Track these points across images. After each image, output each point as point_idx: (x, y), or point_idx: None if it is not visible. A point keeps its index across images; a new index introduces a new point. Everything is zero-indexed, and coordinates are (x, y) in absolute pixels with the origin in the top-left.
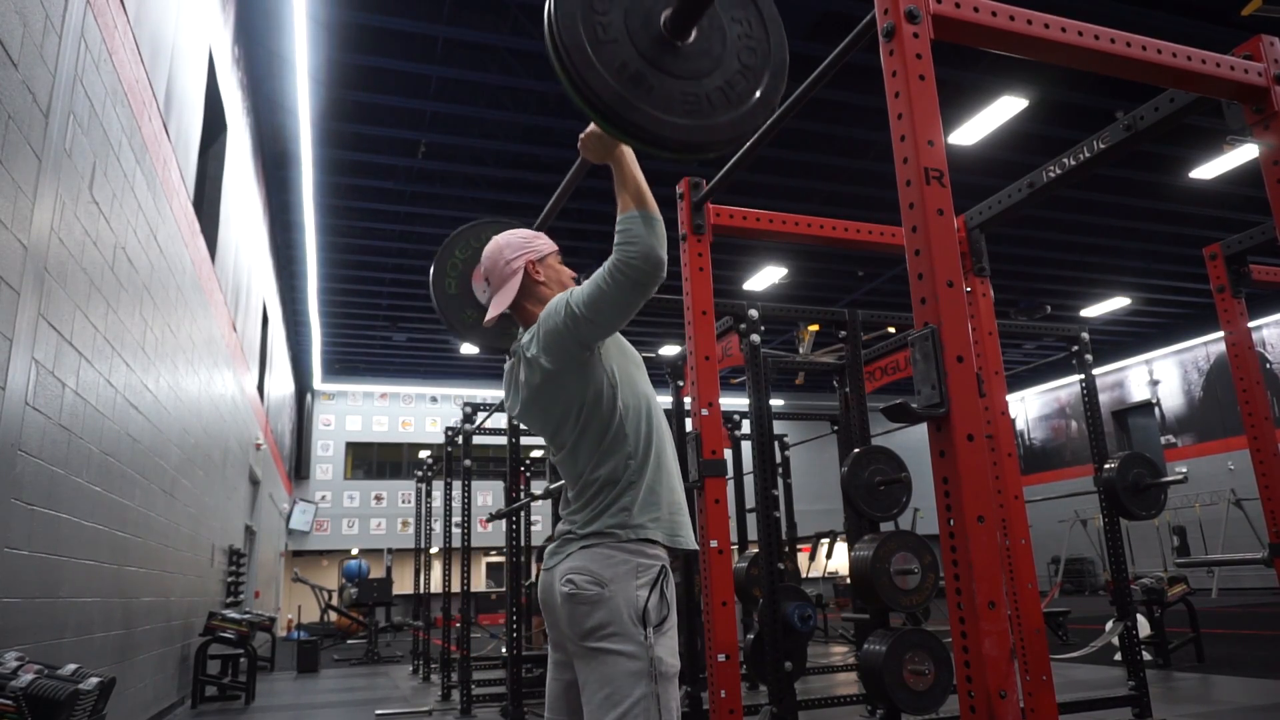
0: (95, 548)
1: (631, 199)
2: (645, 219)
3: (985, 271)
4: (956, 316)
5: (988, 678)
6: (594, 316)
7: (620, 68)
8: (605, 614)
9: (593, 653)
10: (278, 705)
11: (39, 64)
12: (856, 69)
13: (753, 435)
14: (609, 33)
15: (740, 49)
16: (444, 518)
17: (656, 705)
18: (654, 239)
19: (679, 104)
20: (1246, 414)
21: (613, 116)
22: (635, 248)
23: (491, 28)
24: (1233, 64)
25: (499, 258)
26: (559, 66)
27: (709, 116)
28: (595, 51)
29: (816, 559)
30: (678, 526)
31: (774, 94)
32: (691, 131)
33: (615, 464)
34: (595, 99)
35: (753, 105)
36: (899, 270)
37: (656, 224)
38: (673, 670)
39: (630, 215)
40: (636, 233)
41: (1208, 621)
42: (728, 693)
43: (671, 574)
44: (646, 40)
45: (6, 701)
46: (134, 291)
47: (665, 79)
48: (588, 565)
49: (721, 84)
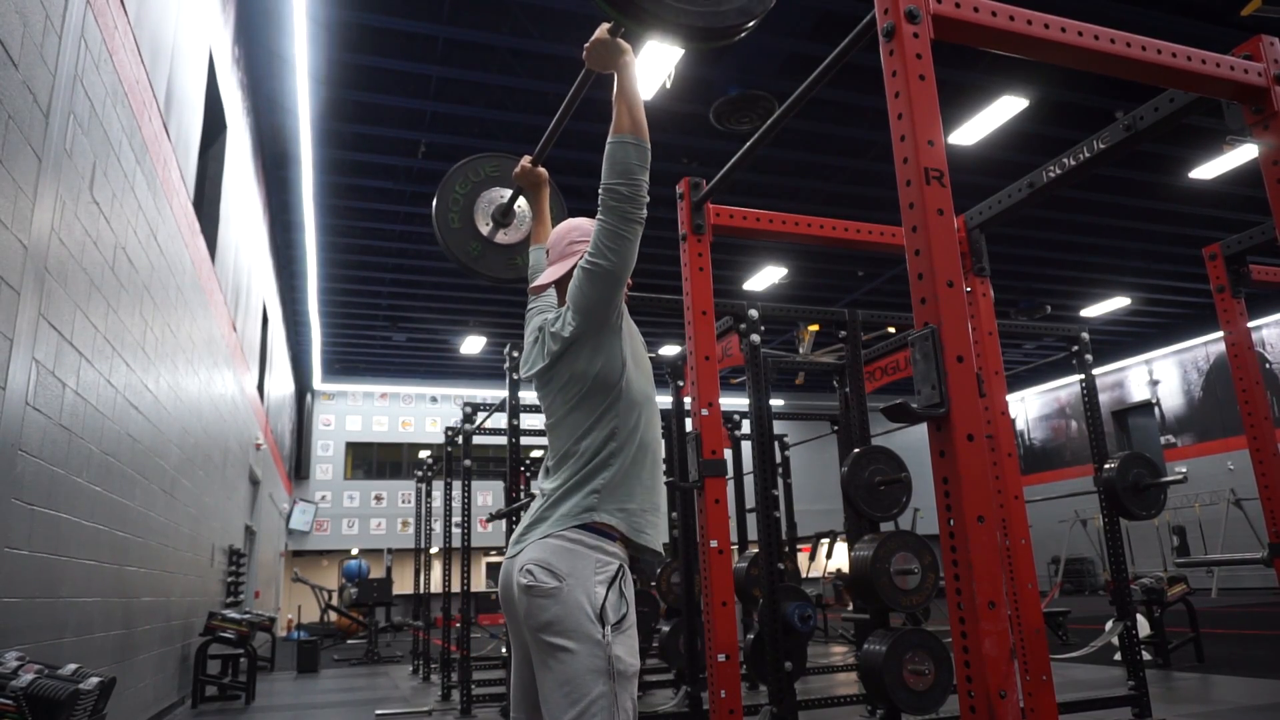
0: (95, 548)
1: (626, 115)
2: (634, 144)
3: (985, 271)
4: (956, 316)
5: (988, 678)
6: (600, 259)
7: None
8: (562, 608)
9: (550, 648)
10: (278, 705)
11: (39, 64)
12: (856, 69)
13: (753, 435)
14: None
15: None
16: (444, 518)
17: (615, 704)
18: (636, 160)
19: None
20: (1246, 414)
21: (625, 6)
22: (617, 169)
23: (491, 28)
24: (1233, 64)
25: (566, 235)
26: None
27: (718, 3)
28: None
29: (816, 559)
30: (645, 524)
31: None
32: (704, 18)
33: (597, 438)
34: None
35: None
36: (899, 270)
37: (642, 148)
38: (631, 670)
39: (619, 139)
40: (619, 156)
41: (1207, 621)
42: (728, 693)
43: (629, 573)
44: None
45: (7, 701)
46: (134, 291)
47: None
48: (546, 558)
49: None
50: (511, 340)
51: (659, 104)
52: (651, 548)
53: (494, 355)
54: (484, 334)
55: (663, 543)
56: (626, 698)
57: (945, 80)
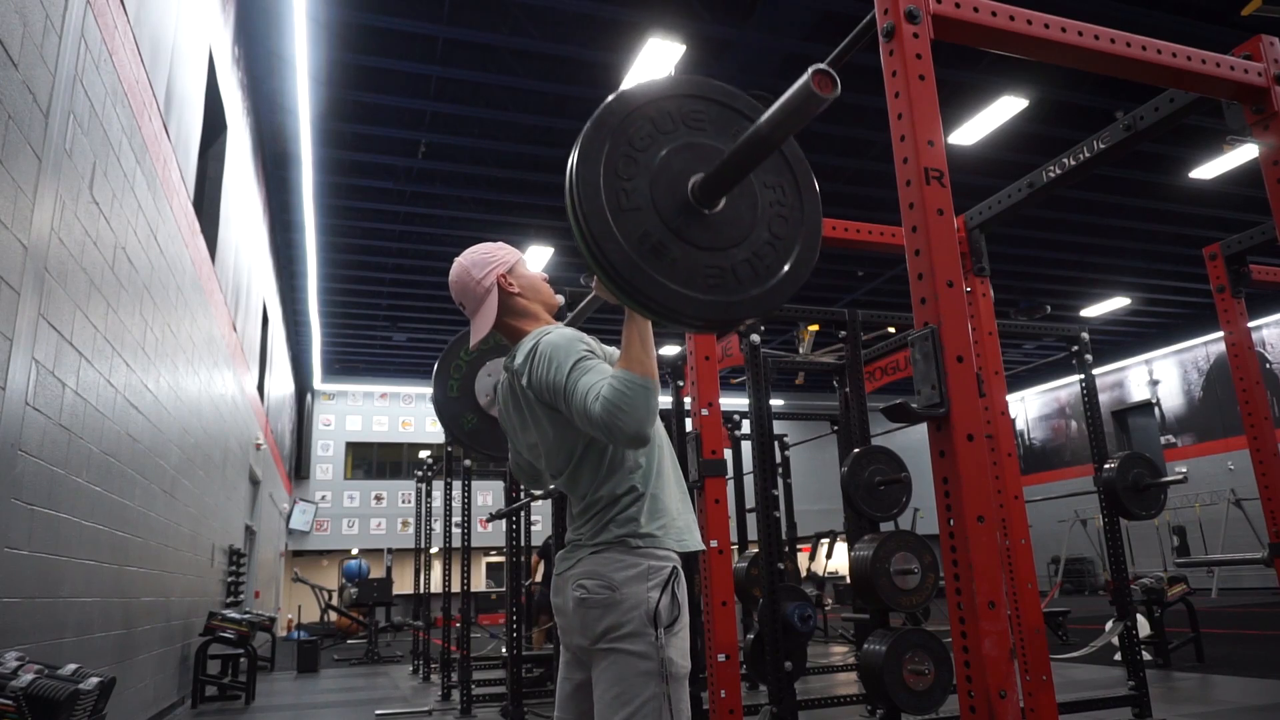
0: (95, 548)
1: (639, 349)
2: (647, 389)
3: (985, 271)
4: (956, 316)
5: (988, 678)
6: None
7: (641, 238)
8: (617, 616)
9: (604, 653)
10: (278, 705)
11: (39, 64)
12: (856, 69)
13: (753, 435)
14: (632, 200)
15: (771, 217)
16: (444, 518)
17: (667, 705)
18: (647, 413)
19: (701, 277)
20: (1246, 414)
21: (629, 289)
22: (631, 417)
23: (491, 28)
24: (1233, 64)
25: (468, 279)
26: (577, 232)
27: (733, 292)
28: (616, 220)
29: (816, 559)
30: (684, 531)
31: (803, 268)
32: (713, 309)
33: (617, 482)
34: (612, 270)
35: (780, 280)
36: (899, 270)
37: (653, 395)
38: (684, 671)
39: (634, 381)
40: (638, 402)
41: (1207, 621)
42: (728, 693)
43: (683, 575)
44: (672, 207)
45: (6, 701)
46: (134, 291)
47: (689, 250)
48: (599, 570)
49: (749, 256)
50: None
51: None
52: (696, 550)
53: None
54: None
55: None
56: (680, 698)
57: (945, 80)
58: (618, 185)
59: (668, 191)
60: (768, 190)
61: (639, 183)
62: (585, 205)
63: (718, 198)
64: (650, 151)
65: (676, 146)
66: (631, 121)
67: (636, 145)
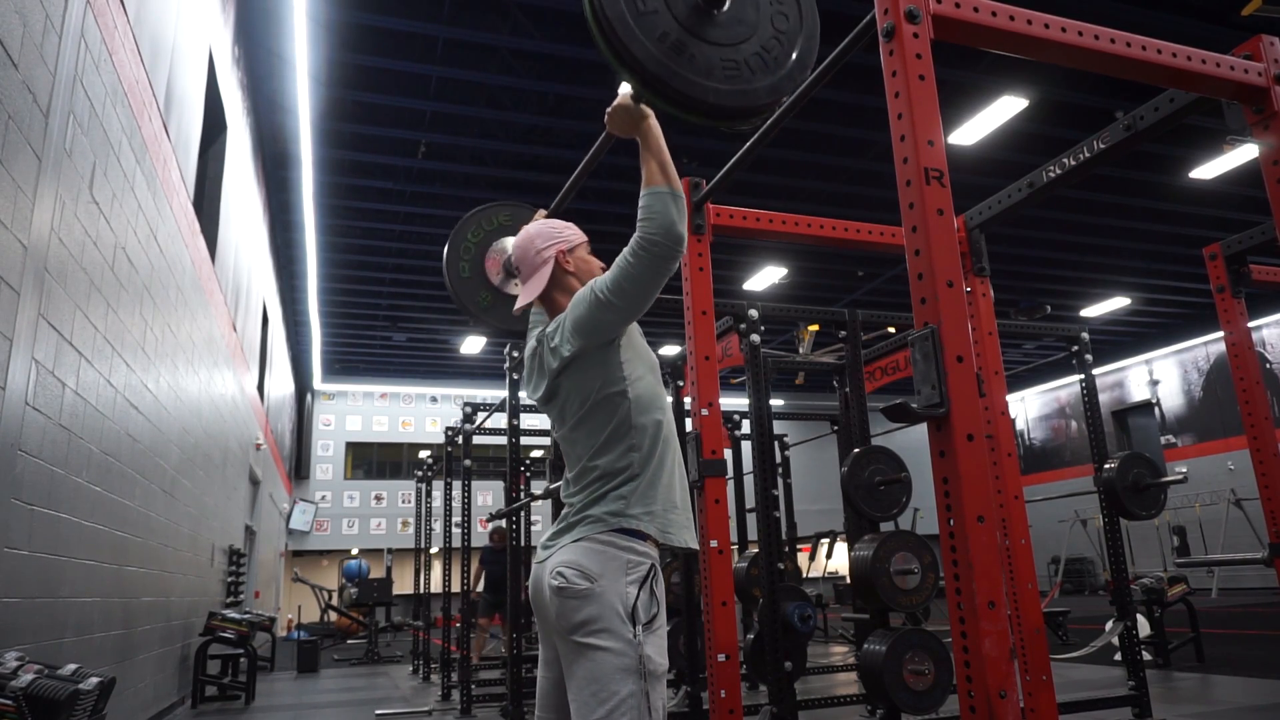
0: (95, 548)
1: (658, 171)
2: (670, 194)
3: (985, 271)
4: (956, 316)
5: (988, 678)
6: (618, 299)
7: (661, 37)
8: (594, 609)
9: (581, 648)
10: (278, 705)
11: (39, 64)
12: (856, 69)
13: (753, 435)
14: (648, 4)
15: (773, 14)
16: (444, 518)
17: (646, 703)
18: (676, 214)
19: (719, 70)
20: (1246, 414)
21: (657, 84)
22: (656, 222)
23: (491, 28)
24: (1233, 64)
25: (530, 247)
26: (601, 38)
27: (749, 81)
28: (637, 23)
29: (816, 559)
30: (670, 524)
31: (809, 56)
32: (734, 96)
33: (615, 456)
34: (640, 68)
35: (790, 68)
36: (899, 270)
37: (679, 199)
38: (661, 669)
39: (654, 190)
40: (658, 208)
41: (1208, 621)
42: (728, 693)
43: (661, 573)
44: (684, 9)
45: (6, 701)
46: (134, 291)
47: (704, 46)
48: (578, 559)
49: (758, 49)
50: (511, 340)
51: None
52: (683, 546)
53: (494, 355)
54: (484, 334)
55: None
56: (657, 697)
57: (945, 80)
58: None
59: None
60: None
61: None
62: (608, 10)
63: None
64: None
65: None
66: None
67: None
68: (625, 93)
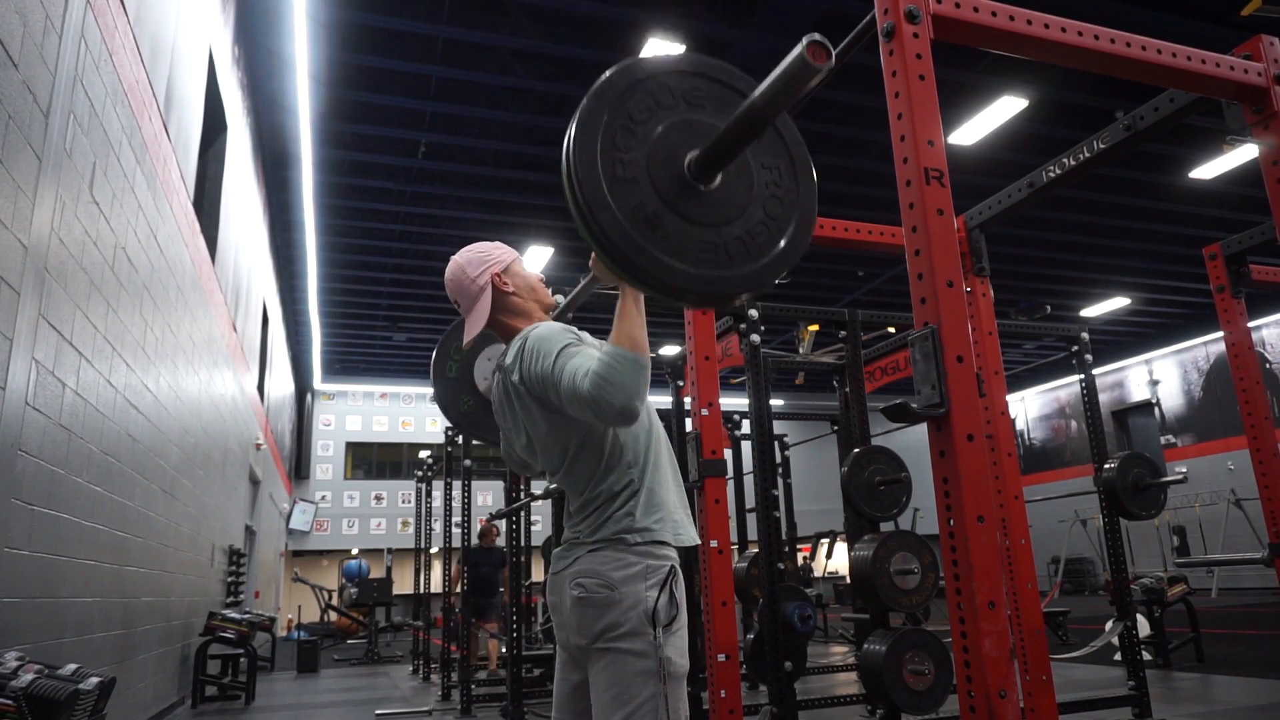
0: (95, 548)
1: (626, 334)
2: (635, 363)
3: (985, 271)
4: (956, 316)
5: (988, 678)
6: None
7: (635, 209)
8: (615, 615)
9: (602, 652)
10: (278, 705)
11: (39, 64)
12: (856, 69)
13: (753, 435)
14: (628, 171)
15: (767, 198)
16: (444, 518)
17: (665, 705)
18: (636, 387)
19: (694, 252)
20: (1246, 414)
21: (621, 259)
22: (614, 391)
23: (491, 28)
24: (1233, 64)
25: (463, 278)
26: (571, 200)
27: (724, 268)
28: (611, 190)
29: (816, 559)
30: (679, 525)
31: (796, 249)
32: (703, 282)
33: (615, 478)
34: (604, 238)
35: (772, 259)
36: (899, 270)
37: (642, 370)
38: (682, 670)
39: (621, 353)
40: (623, 377)
41: (1208, 621)
42: (728, 693)
43: (681, 574)
44: (667, 180)
45: (6, 701)
46: (134, 291)
47: (683, 224)
48: (596, 568)
49: (742, 234)
50: None
51: None
52: (693, 544)
53: None
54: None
55: None
56: (678, 698)
57: (945, 80)
58: (614, 156)
59: (664, 165)
60: (764, 171)
61: (636, 155)
62: (581, 173)
63: (714, 173)
64: (649, 125)
65: (675, 122)
66: (631, 94)
67: (635, 118)
68: None
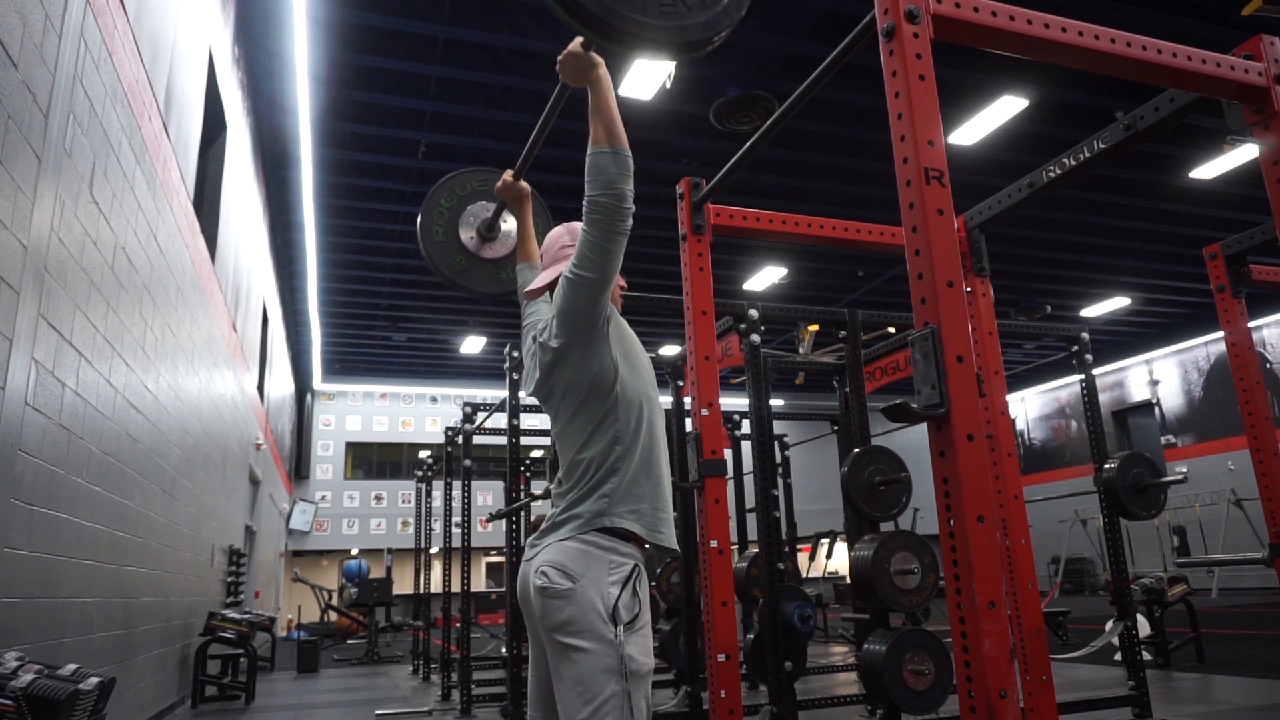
0: (95, 548)
1: (602, 129)
2: (612, 153)
3: (985, 271)
4: (956, 316)
5: (988, 678)
6: (585, 270)
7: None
8: (575, 609)
9: (564, 648)
10: (278, 705)
11: (39, 64)
12: (856, 69)
13: (753, 435)
14: None
15: None
16: (444, 518)
17: (628, 703)
18: (616, 170)
19: (654, 7)
20: (1246, 414)
21: (595, 23)
22: (599, 181)
23: (491, 28)
24: (1233, 64)
25: (558, 240)
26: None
27: (683, 18)
28: None
29: (816, 559)
30: (660, 523)
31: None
32: (670, 32)
33: (602, 446)
34: (578, 8)
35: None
36: (899, 270)
37: (621, 157)
38: (644, 669)
39: (598, 150)
40: (602, 165)
41: (1208, 621)
42: (728, 693)
43: (645, 573)
44: None
45: (6, 701)
46: (134, 291)
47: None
48: (561, 560)
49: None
50: (511, 340)
51: (659, 104)
52: (669, 546)
53: (494, 355)
54: (484, 334)
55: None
56: (640, 697)
57: (945, 80)
58: None
59: None
60: None
61: None
62: None
63: None
64: None
65: None
66: None
67: None
68: (577, 41)
